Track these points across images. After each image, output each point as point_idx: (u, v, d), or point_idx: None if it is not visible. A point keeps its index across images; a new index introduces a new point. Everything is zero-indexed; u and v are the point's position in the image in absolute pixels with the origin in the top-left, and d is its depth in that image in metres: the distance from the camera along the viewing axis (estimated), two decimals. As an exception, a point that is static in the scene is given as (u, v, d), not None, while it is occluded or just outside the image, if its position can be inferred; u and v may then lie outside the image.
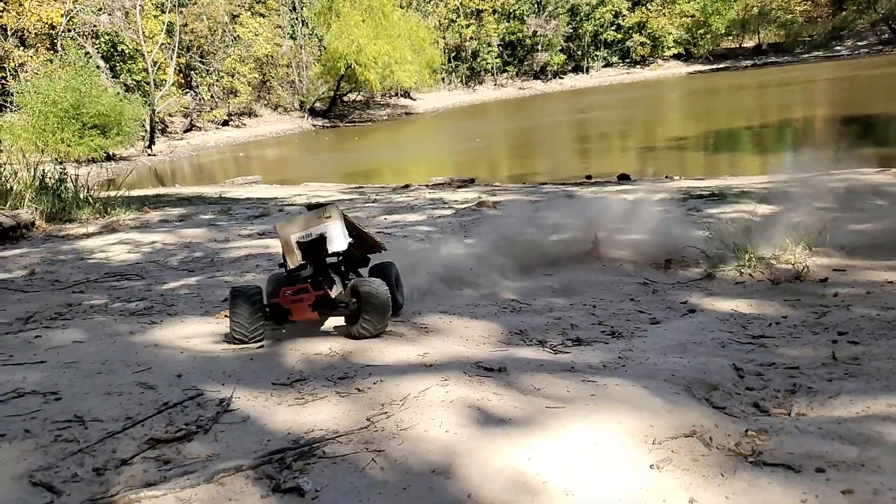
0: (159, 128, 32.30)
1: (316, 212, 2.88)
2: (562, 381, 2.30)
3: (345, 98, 42.13)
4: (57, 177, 8.56)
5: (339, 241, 2.88)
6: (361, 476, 1.76)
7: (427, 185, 11.38)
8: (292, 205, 9.36)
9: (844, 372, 2.24)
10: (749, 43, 52.25)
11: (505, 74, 51.33)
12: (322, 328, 3.16)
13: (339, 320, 3.12)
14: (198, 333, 3.20)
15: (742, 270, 3.60)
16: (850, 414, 1.89)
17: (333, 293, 2.94)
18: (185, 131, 34.58)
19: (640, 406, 2.06)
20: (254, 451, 1.93)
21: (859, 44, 46.28)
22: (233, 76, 36.83)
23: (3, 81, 30.26)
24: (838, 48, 46.62)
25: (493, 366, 2.49)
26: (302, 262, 2.89)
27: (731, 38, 51.87)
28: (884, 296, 3.06)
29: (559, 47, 50.61)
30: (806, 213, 4.21)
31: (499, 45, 50.18)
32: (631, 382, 2.25)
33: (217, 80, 36.50)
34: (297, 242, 2.87)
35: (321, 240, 2.87)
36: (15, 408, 2.30)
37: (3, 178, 8.02)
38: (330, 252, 2.90)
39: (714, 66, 49.45)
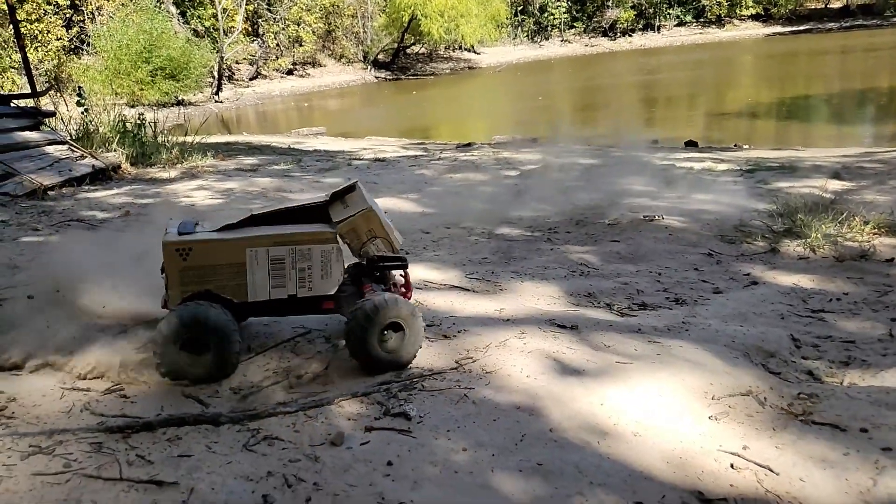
0: (226, 75, 32.99)
1: (360, 192, 2.54)
2: (630, 341, 2.55)
3: (408, 50, 41.93)
4: (137, 121, 9.04)
5: None
6: (457, 408, 2.07)
7: (490, 144, 11.50)
8: (360, 159, 9.66)
9: (899, 348, 2.41)
10: (836, 3, 49.00)
11: (572, 30, 49.82)
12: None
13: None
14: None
15: (807, 246, 3.71)
16: (898, 385, 2.08)
17: None
18: (251, 79, 35.20)
19: (701, 366, 2.29)
20: (363, 381, 2.26)
21: (960, 6, 42.88)
22: (298, 25, 37.11)
23: (82, 25, 31.35)
24: None
25: (565, 323, 2.75)
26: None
27: (815, -3, 48.85)
28: (948, 279, 3.16)
29: (630, 4, 48.67)
30: (879, 192, 4.24)
31: (568, 0, 48.70)
32: (693, 345, 2.48)
33: (283, 29, 36.86)
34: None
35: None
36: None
37: (88, 122, 8.54)
38: None
39: (794, 28, 46.54)
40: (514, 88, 30.12)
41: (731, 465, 1.74)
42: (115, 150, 8.12)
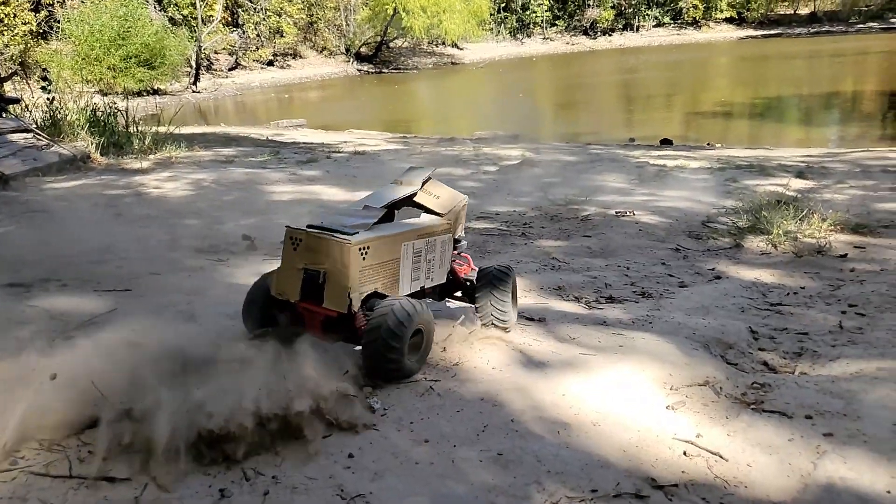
0: (204, 65, 32.56)
1: (438, 182, 2.63)
2: (594, 333, 2.60)
3: (391, 44, 41.79)
4: (107, 110, 8.83)
5: None
6: (421, 400, 2.10)
7: (471, 139, 11.56)
8: (339, 151, 9.64)
9: (848, 339, 2.51)
10: (804, 10, 50.49)
11: (554, 28, 50.15)
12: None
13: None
14: (264, 272, 3.52)
15: (769, 242, 3.82)
16: (843, 374, 2.18)
17: None
18: (230, 69, 34.80)
19: (662, 358, 2.35)
20: (332, 375, 2.27)
21: (918, 16, 44.78)
22: (280, 16, 36.77)
23: (50, 9, 30.64)
24: (894, 20, 45.09)
25: (533, 316, 2.81)
26: None
27: (786, 3, 50.22)
28: (896, 274, 3.30)
29: (610, 3, 49.14)
30: (837, 190, 4.37)
31: (550, -2, 48.98)
32: (656, 337, 2.55)
33: (264, 19, 36.49)
34: None
35: None
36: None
37: (54, 110, 8.27)
38: None
39: (766, 32, 48.01)
40: (496, 85, 30.19)
41: (685, 453, 1.80)
42: (83, 139, 7.95)
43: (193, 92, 29.23)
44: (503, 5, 48.29)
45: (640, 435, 1.90)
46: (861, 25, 45.73)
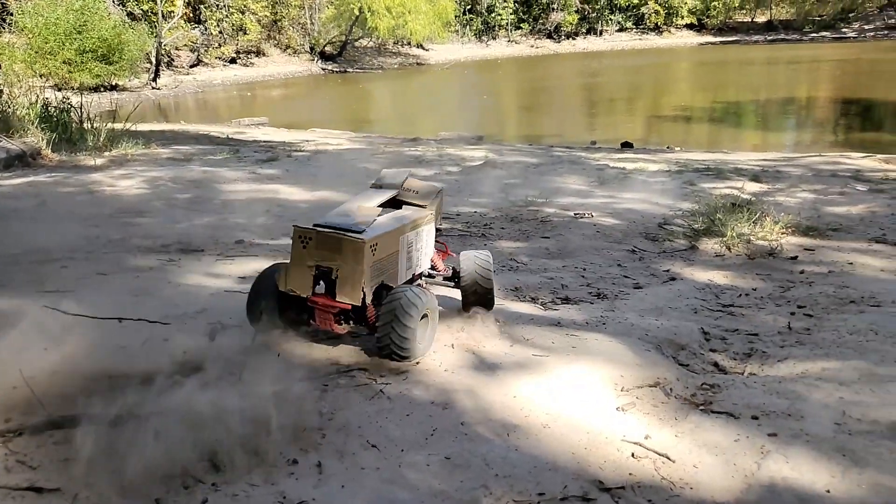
0: (165, 61, 31.86)
1: (416, 179, 2.78)
2: (549, 334, 2.59)
3: (356, 44, 41.52)
4: (60, 106, 8.53)
5: None
6: (371, 404, 2.05)
7: (435, 140, 11.53)
8: (301, 150, 9.51)
9: (795, 340, 2.55)
10: (761, 18, 52.27)
11: (519, 31, 50.56)
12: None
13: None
14: (216, 273, 3.45)
15: (723, 244, 3.89)
16: (790, 374, 2.21)
17: None
18: (192, 66, 34.09)
19: (614, 359, 2.35)
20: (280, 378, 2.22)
21: (866, 27, 46.99)
22: (243, 13, 36.21)
23: (4, 1, 29.62)
24: (845, 30, 47.21)
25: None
26: None
27: (744, 11, 51.84)
28: (843, 275, 3.39)
29: (574, 8, 49.82)
30: (790, 194, 4.47)
31: (515, 1, 49.32)
32: (609, 338, 2.55)
33: (227, 16, 35.89)
34: None
35: None
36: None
37: (3, 103, 7.92)
38: None
39: (724, 39, 49.73)
40: (461, 86, 30.26)
41: (633, 455, 1.79)
42: (34, 135, 7.66)
43: (153, 88, 28.58)
44: (468, 7, 48.43)
45: (589, 437, 1.89)
46: (814, 34, 47.54)
